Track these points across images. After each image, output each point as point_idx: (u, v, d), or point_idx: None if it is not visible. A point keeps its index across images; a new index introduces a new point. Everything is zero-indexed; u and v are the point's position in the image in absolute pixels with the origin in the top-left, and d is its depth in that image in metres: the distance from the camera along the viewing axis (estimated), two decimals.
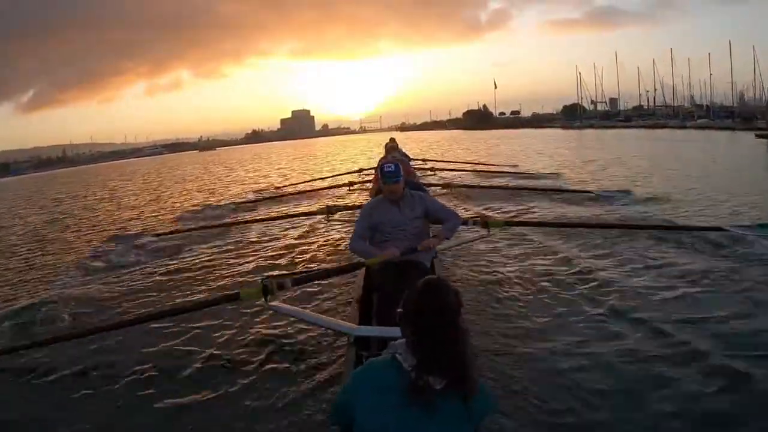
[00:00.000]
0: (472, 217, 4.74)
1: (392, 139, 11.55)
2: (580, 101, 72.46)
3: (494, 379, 2.72)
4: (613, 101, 72.81)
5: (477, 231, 4.56)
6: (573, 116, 69.56)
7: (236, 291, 3.22)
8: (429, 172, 12.45)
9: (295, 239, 7.12)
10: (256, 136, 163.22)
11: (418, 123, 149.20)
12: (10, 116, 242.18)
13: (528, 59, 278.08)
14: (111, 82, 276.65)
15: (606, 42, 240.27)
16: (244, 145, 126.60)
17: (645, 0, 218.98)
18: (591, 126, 57.37)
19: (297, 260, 6.00)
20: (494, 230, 4.43)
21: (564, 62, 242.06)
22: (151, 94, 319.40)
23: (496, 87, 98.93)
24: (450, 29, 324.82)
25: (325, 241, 6.86)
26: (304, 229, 7.59)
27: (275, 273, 4.89)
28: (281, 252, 6.46)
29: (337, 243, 6.50)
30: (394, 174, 3.07)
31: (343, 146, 49.29)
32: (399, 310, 1.40)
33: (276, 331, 3.68)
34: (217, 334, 3.74)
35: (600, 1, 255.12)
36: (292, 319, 3.57)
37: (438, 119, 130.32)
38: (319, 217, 6.93)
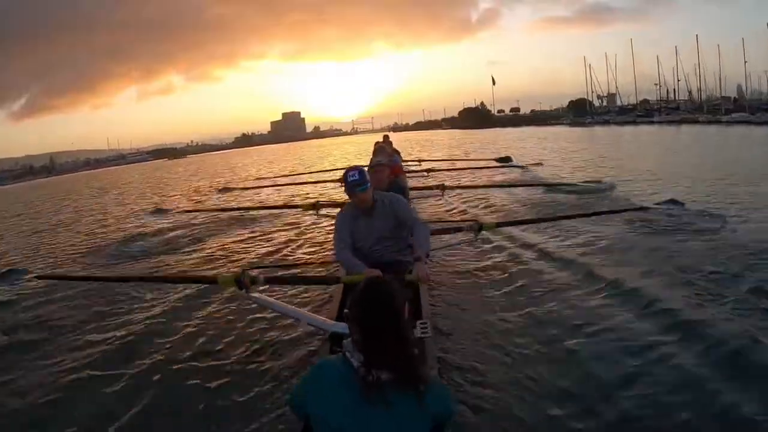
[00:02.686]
0: (463, 220, 5.14)
1: (385, 137, 10.55)
2: (591, 96, 66.24)
3: (475, 381, 2.67)
4: (612, 96, 66.52)
5: (467, 234, 4.45)
6: (582, 112, 63.17)
7: (214, 275, 3.34)
8: (424, 174, 12.26)
9: (282, 232, 7.12)
10: (246, 140, 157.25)
11: (412, 123, 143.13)
12: (2, 124, 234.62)
13: (521, 57, 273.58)
14: (103, 88, 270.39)
15: (599, 39, 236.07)
16: (224, 151, 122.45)
17: None
18: (606, 122, 51.17)
19: (278, 253, 6.00)
20: (486, 233, 4.47)
21: (558, 59, 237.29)
22: (143, 99, 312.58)
23: (494, 83, 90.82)
24: (441, 29, 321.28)
25: (311, 236, 6.79)
26: (291, 223, 7.59)
27: (253, 265, 4.90)
28: (266, 244, 6.47)
29: (323, 238, 6.41)
30: (358, 183, 2.90)
31: (333, 149, 45.17)
32: (345, 310, 1.45)
33: (253, 322, 3.64)
34: (191, 321, 3.74)
35: None
36: (269, 311, 3.52)
37: (432, 119, 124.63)
38: (307, 211, 6.95)
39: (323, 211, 6.70)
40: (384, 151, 6.88)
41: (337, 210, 7.04)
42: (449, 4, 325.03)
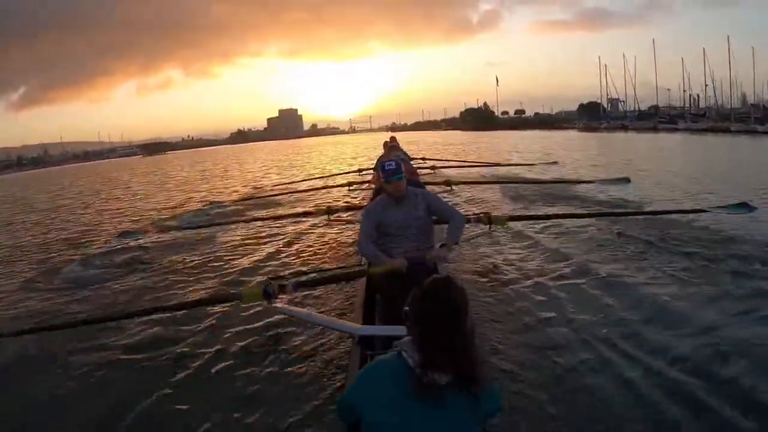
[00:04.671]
0: (475, 214, 4.74)
1: (393, 138, 10.33)
2: (607, 98, 62.17)
3: (495, 376, 2.73)
4: (614, 102, 62.55)
5: (480, 227, 4.55)
6: (595, 116, 59.05)
7: (238, 291, 3.26)
8: (429, 171, 11.92)
9: (296, 239, 7.03)
10: (240, 136, 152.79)
11: (411, 123, 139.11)
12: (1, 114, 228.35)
13: (522, 60, 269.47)
14: (101, 83, 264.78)
15: (598, 42, 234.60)
16: (214, 147, 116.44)
17: (632, 2, 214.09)
18: (622, 128, 47.03)
19: (299, 261, 5.91)
20: (497, 226, 4.47)
21: (559, 62, 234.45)
22: (141, 95, 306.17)
23: (498, 83, 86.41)
24: (441, 29, 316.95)
25: (326, 241, 6.76)
26: (305, 229, 7.51)
27: (276, 275, 4.33)
28: (282, 252, 6.38)
29: (339, 244, 6.50)
30: (396, 171, 2.98)
31: (316, 156, 37.53)
32: (405, 308, 1.41)
33: (280, 331, 3.66)
34: (220, 334, 3.72)
35: (589, 3, 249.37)
36: (294, 320, 3.54)
37: (432, 119, 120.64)
38: (319, 217, 6.97)
39: (335, 216, 6.70)
40: (399, 150, 6.89)
41: (349, 214, 6.71)
42: (449, 5, 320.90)
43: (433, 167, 12.54)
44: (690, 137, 32.20)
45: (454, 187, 8.44)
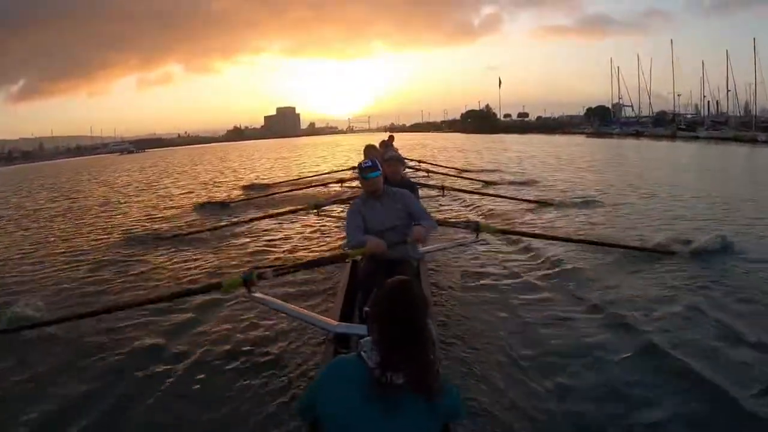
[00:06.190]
0: (463, 221, 4.80)
1: (391, 137, 10.86)
2: (618, 102, 58.56)
3: (471, 382, 2.71)
4: (616, 107, 59.69)
5: (466, 235, 4.49)
6: (606, 120, 56.01)
7: (218, 281, 3.24)
8: (422, 173, 12.26)
9: (282, 234, 7.07)
10: (237, 134, 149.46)
11: (410, 124, 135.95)
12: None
13: (524, 64, 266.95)
14: (101, 76, 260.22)
15: (600, 48, 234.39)
16: (201, 145, 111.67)
17: (634, 9, 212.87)
18: (637, 134, 43.89)
19: (282, 253, 5.95)
20: (484, 236, 4.50)
21: (561, 67, 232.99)
22: (140, 89, 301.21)
23: (501, 85, 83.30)
24: (442, 32, 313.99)
25: (310, 234, 6.83)
26: (291, 225, 7.64)
27: (259, 266, 4.37)
28: (267, 247, 6.36)
29: (324, 237, 6.52)
30: (372, 168, 3.14)
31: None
32: (365, 308, 1.46)
33: (256, 326, 3.63)
34: (194, 327, 3.69)
35: (590, 10, 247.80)
36: (273, 312, 3.49)
37: (432, 120, 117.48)
38: (306, 213, 6.94)
39: (324, 210, 6.63)
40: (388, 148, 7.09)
41: (335, 208, 7.32)
42: (450, 8, 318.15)
43: (427, 171, 12.71)
44: (736, 149, 28.51)
45: (446, 193, 8.60)
